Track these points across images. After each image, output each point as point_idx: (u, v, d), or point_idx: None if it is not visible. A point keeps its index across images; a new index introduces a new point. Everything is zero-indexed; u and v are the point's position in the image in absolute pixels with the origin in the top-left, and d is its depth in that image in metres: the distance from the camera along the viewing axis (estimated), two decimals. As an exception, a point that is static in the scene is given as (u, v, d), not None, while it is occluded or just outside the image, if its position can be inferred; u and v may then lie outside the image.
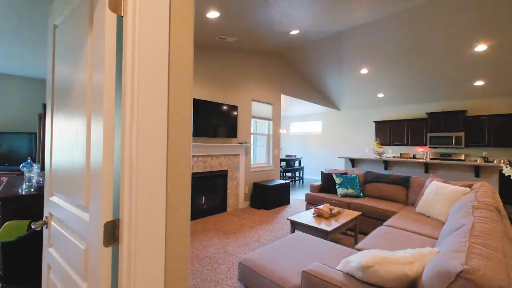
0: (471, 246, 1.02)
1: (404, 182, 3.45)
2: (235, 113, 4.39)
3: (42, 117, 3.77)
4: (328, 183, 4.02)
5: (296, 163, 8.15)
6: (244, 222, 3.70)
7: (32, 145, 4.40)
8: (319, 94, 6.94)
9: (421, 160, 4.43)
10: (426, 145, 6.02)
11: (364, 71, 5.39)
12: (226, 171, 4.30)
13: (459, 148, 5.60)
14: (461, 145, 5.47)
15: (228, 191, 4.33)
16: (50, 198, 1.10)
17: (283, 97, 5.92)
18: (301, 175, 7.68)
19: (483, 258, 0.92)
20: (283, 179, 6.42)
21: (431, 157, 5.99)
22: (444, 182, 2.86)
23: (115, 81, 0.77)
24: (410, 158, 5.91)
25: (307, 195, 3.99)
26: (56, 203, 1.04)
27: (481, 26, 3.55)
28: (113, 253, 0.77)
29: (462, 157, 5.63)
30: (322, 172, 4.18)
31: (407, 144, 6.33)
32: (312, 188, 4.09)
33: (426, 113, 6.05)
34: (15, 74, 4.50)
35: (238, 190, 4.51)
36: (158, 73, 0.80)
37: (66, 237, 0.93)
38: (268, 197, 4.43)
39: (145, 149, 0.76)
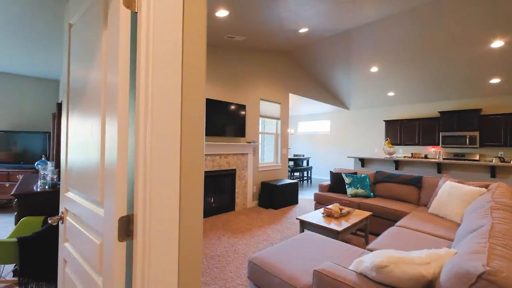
0: (492, 247, 0.99)
1: (416, 182, 3.36)
2: (243, 112, 4.39)
3: (56, 117, 3.88)
4: (337, 182, 3.97)
5: (304, 163, 8.09)
6: (252, 221, 3.70)
7: (46, 144, 4.53)
8: (328, 93, 6.86)
9: (433, 160, 4.32)
10: (439, 145, 5.86)
11: (374, 69, 5.30)
12: (235, 170, 4.30)
13: (474, 148, 5.43)
14: (476, 144, 5.30)
15: (236, 190, 4.34)
16: (65, 194, 1.12)
17: (291, 96, 5.89)
18: (309, 175, 7.63)
19: (505, 259, 0.89)
20: (291, 179, 6.38)
21: (443, 157, 5.83)
22: (458, 182, 2.77)
23: (129, 77, 0.78)
24: (422, 158, 5.77)
25: (316, 194, 3.95)
26: (71, 199, 1.06)
27: (498, 21, 3.43)
28: (127, 248, 0.77)
29: (477, 157, 5.46)
30: (331, 172, 4.13)
31: (418, 144, 6.18)
32: (321, 187, 4.04)
33: (438, 112, 5.89)
34: (30, 75, 4.64)
35: (246, 189, 4.51)
36: (172, 70, 0.80)
37: (81, 232, 0.95)
38: (276, 196, 4.41)
39: (159, 147, 0.76)
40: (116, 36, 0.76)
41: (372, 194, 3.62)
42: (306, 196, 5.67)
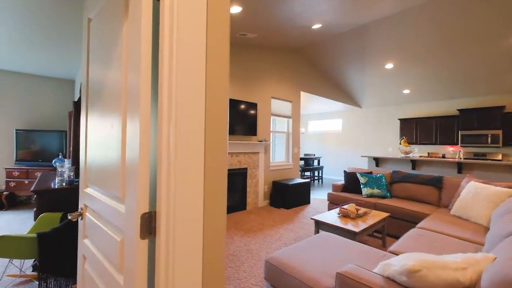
0: (539, 253, 0.90)
1: (436, 183, 3.22)
2: (255, 110, 4.35)
3: (72, 115, 3.97)
4: (351, 182, 3.87)
5: (315, 162, 7.97)
6: (264, 221, 3.65)
7: (63, 142, 4.64)
8: (340, 91, 6.72)
9: (454, 160, 4.13)
10: (457, 144, 5.62)
11: (389, 66, 5.14)
12: (246, 169, 4.27)
13: (496, 147, 5.17)
14: (498, 143, 5.04)
15: (248, 189, 4.30)
16: (85, 190, 1.11)
17: (302, 95, 5.80)
18: (320, 175, 7.51)
19: (557, 267, 0.80)
20: (302, 178, 6.29)
21: (463, 157, 5.59)
22: (484, 183, 2.63)
23: (151, 68, 0.74)
24: (439, 157, 5.56)
25: (329, 194, 3.86)
26: (91, 195, 1.04)
27: (526, 12, 3.23)
28: (149, 246, 0.74)
29: (499, 157, 5.19)
30: (345, 171, 4.03)
31: (435, 143, 5.96)
32: (335, 187, 3.95)
33: (457, 109, 5.65)
34: (47, 75, 4.77)
35: (257, 189, 4.47)
36: (196, 63, 0.76)
37: (101, 228, 0.93)
38: (288, 196, 4.35)
39: (182, 145, 0.72)
40: (138, 26, 0.73)
41: (388, 194, 3.50)
42: (317, 196, 5.58)
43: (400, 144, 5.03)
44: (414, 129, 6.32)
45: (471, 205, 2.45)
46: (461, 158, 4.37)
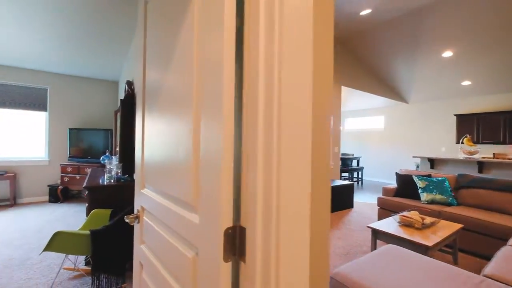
0: None
1: (521, 190, 2.67)
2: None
3: (118, 113, 4.13)
4: (405, 186, 3.43)
5: (354, 163, 7.45)
6: (306, 225, 3.41)
7: (108, 140, 4.89)
8: (384, 85, 6.15)
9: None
10: (534, 144, 4.76)
11: (447, 54, 4.51)
12: (285, 168, 4.06)
13: None
14: None
15: (286, 190, 4.09)
16: (142, 191, 1.01)
17: (341, 90, 5.39)
18: (360, 176, 6.99)
19: None
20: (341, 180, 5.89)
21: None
22: None
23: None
24: (509, 159, 4.75)
25: (379, 199, 3.47)
26: (149, 197, 0.92)
27: None
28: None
29: None
30: (397, 174, 3.60)
31: (503, 142, 5.12)
32: (386, 191, 3.55)
33: (534, 102, 4.78)
34: (94, 77, 5.07)
35: (296, 190, 4.23)
36: (303, 46, 0.56)
37: (164, 237, 0.80)
38: (331, 198, 4.03)
39: (288, 151, 0.52)
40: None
41: (455, 201, 3.02)
42: (359, 199, 5.15)
43: (463, 143, 4.38)
44: (474, 127, 5.51)
45: None
46: (546, 161, 3.64)
